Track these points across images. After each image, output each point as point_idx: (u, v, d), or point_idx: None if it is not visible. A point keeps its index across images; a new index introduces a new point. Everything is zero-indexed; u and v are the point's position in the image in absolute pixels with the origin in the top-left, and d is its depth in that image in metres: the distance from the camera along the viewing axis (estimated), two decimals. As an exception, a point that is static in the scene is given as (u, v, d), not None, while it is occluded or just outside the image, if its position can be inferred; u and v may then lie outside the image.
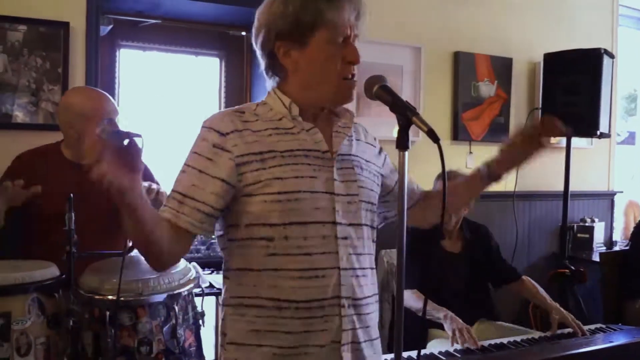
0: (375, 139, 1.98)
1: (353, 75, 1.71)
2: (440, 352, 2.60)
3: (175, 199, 1.62)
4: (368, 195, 1.79)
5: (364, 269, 1.75)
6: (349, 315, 1.68)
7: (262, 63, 1.76)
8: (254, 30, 1.73)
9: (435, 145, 1.45)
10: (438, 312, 2.97)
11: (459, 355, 2.57)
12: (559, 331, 2.93)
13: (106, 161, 1.36)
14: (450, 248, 3.43)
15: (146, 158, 2.34)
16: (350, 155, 1.78)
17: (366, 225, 1.78)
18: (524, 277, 3.43)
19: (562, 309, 3.05)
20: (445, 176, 1.47)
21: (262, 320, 1.64)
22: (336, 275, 1.66)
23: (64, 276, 2.25)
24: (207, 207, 1.61)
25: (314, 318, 1.64)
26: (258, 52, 1.75)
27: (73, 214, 2.18)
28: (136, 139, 2.46)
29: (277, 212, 1.61)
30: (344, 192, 1.71)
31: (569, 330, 2.94)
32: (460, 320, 2.88)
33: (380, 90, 1.62)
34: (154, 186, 2.70)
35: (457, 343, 2.73)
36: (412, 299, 3.08)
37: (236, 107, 1.75)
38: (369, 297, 1.76)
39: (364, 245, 1.76)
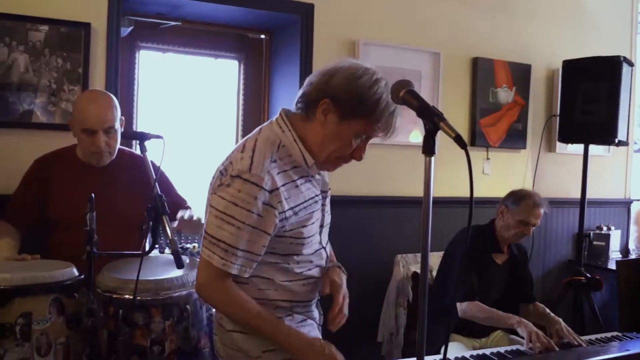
0: None
1: (346, 162, 2.02)
2: (456, 358, 2.58)
3: (240, 257, 1.87)
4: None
5: None
6: None
7: (303, 92, 1.97)
8: (327, 74, 1.92)
9: (453, 149, 1.46)
10: (509, 319, 3.04)
11: (475, 362, 2.57)
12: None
13: None
14: (497, 259, 3.45)
15: (166, 159, 2.37)
16: (327, 190, 2.14)
17: None
18: (537, 302, 3.49)
19: (562, 322, 3.10)
20: (472, 180, 1.46)
21: None
22: None
23: (82, 276, 2.25)
24: (259, 258, 1.91)
25: None
26: (309, 87, 1.95)
27: (94, 214, 2.18)
28: (157, 140, 2.49)
29: (296, 248, 1.99)
30: (325, 223, 2.13)
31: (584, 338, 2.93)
32: (531, 325, 2.93)
33: (407, 95, 1.61)
34: (190, 214, 2.73)
35: (533, 346, 2.78)
36: (475, 310, 3.15)
37: (268, 150, 1.91)
38: None
39: None
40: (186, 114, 4.15)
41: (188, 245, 3.39)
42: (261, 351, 1.99)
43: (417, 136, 4.21)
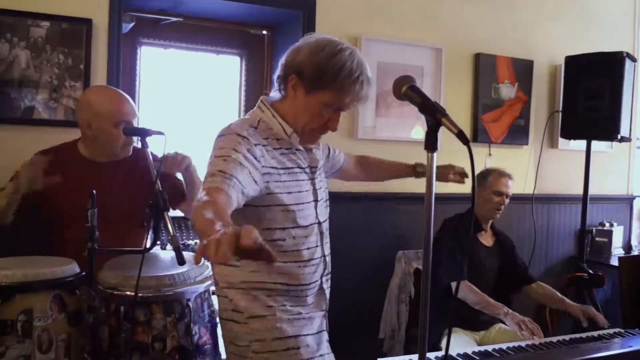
0: None
1: (322, 133, 2.07)
2: (458, 354, 2.57)
3: (222, 176, 1.71)
4: (327, 194, 2.25)
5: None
6: None
7: (277, 73, 2.06)
8: (294, 50, 2.01)
9: (455, 145, 1.45)
10: (497, 309, 3.08)
11: (478, 358, 2.55)
12: (577, 335, 2.91)
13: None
14: (484, 241, 3.54)
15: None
16: (317, 166, 2.15)
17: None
18: (540, 282, 3.54)
19: (582, 305, 3.20)
20: (474, 178, 1.46)
21: None
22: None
23: (84, 273, 2.24)
24: (245, 190, 1.77)
25: None
26: (280, 66, 2.04)
27: (96, 210, 2.17)
28: (158, 137, 2.48)
29: (289, 217, 1.99)
30: (319, 197, 2.14)
31: (586, 335, 2.92)
32: (518, 314, 2.96)
33: (409, 91, 1.61)
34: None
35: (524, 337, 2.81)
36: (465, 291, 3.18)
37: (246, 122, 1.99)
38: None
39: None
40: (188, 110, 4.15)
41: (190, 242, 3.39)
42: (249, 340, 2.00)
43: (419, 132, 4.20)
